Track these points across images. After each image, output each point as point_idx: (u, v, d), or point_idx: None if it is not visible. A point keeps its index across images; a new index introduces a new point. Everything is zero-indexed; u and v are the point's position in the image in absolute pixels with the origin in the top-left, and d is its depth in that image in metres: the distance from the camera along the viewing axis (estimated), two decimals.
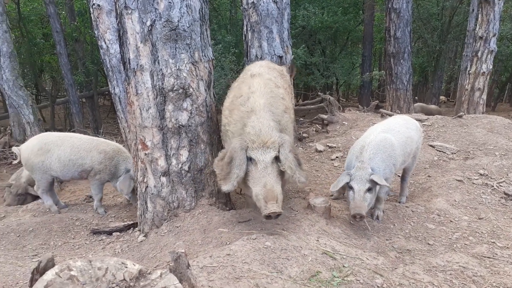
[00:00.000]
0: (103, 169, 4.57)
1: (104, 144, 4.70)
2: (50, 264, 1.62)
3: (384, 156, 3.25)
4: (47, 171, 4.53)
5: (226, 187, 2.90)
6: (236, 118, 3.16)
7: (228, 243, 2.87)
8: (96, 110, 13.62)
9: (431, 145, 5.42)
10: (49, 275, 1.53)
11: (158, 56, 3.32)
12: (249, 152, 2.88)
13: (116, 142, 10.08)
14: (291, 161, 2.91)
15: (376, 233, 3.19)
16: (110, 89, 5.07)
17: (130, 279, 1.61)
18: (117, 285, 1.58)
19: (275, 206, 2.68)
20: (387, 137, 3.35)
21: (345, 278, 2.39)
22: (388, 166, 3.27)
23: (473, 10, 11.03)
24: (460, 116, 6.66)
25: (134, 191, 4.54)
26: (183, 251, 1.76)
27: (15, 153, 4.79)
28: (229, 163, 2.89)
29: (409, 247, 2.97)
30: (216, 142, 3.87)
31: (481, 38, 8.83)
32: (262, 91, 3.23)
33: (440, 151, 5.26)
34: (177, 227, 3.44)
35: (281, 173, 2.95)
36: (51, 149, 4.48)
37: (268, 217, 2.73)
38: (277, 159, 2.91)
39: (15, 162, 5.46)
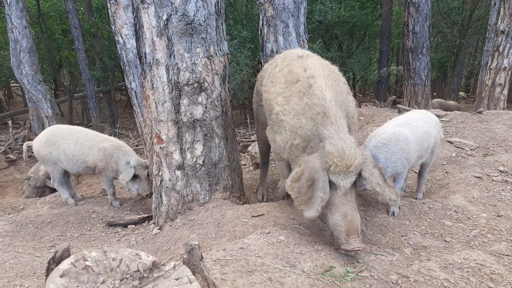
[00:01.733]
0: (105, 167, 4.57)
1: (105, 141, 4.67)
2: (66, 254, 1.65)
3: (395, 149, 3.19)
4: (56, 162, 4.61)
5: (309, 213, 2.51)
6: (298, 110, 2.81)
7: (241, 236, 2.87)
8: (113, 105, 13.81)
9: (449, 141, 5.32)
10: (65, 264, 1.55)
11: (173, 50, 3.33)
12: (329, 174, 2.54)
13: (132, 136, 10.20)
14: (378, 177, 2.61)
15: (392, 229, 3.15)
16: (126, 84, 5.12)
17: (143, 270, 1.62)
18: (131, 276, 1.60)
19: (357, 242, 2.44)
20: (401, 130, 3.30)
21: (359, 274, 2.37)
22: (400, 160, 3.22)
23: (495, 3, 10.75)
24: (480, 112, 6.51)
25: (141, 180, 4.55)
26: (196, 243, 1.77)
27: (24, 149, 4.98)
28: (311, 186, 2.53)
29: (425, 244, 2.92)
30: (230, 137, 3.87)
31: (503, 32, 8.60)
32: (322, 74, 2.89)
33: (458, 147, 5.16)
34: (191, 220, 3.46)
35: (357, 196, 2.70)
36: (57, 141, 4.54)
37: (348, 251, 2.47)
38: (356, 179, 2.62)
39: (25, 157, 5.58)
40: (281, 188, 3.60)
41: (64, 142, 4.55)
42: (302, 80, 2.89)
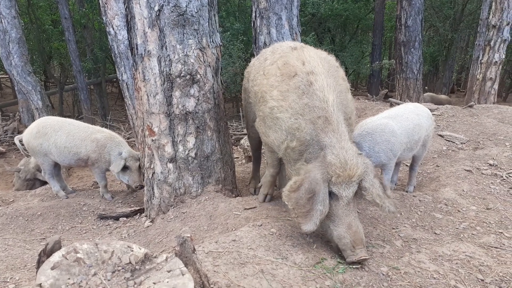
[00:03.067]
0: (98, 158, 4.53)
1: (97, 132, 4.63)
2: (57, 246, 1.64)
3: (380, 140, 3.23)
4: (47, 154, 4.56)
5: (307, 226, 2.40)
6: (297, 110, 2.67)
7: (234, 229, 2.88)
8: (104, 97, 13.68)
9: (440, 135, 5.36)
10: (56, 257, 1.54)
11: (165, 42, 3.30)
12: (330, 186, 2.46)
13: (124, 128, 10.13)
14: (378, 188, 2.54)
15: (383, 222, 3.18)
16: (118, 75, 5.06)
17: (135, 263, 1.62)
18: (122, 268, 1.59)
19: (363, 252, 2.38)
20: (387, 122, 3.34)
21: (350, 266, 2.39)
22: (384, 151, 3.25)
23: None
24: (471, 106, 6.57)
25: (132, 172, 4.51)
26: (189, 235, 1.77)
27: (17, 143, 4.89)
28: (310, 198, 2.43)
29: (415, 236, 2.95)
30: (223, 129, 3.86)
31: (494, 26, 8.66)
32: (322, 70, 2.75)
33: (449, 141, 5.20)
34: (184, 213, 3.46)
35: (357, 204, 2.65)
36: (48, 132, 4.49)
37: (355, 263, 2.39)
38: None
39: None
40: (264, 179, 3.51)
41: (55, 133, 4.49)
42: (300, 75, 2.74)
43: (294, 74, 2.76)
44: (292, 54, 2.96)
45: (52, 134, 4.48)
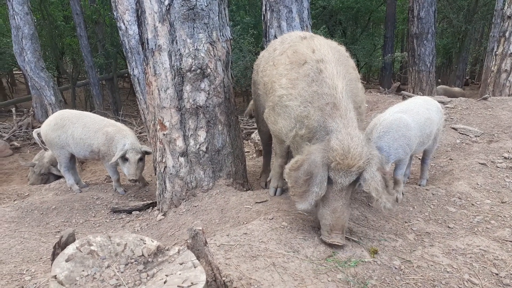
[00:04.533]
0: (107, 151, 4.57)
1: (109, 125, 4.69)
2: (71, 239, 1.66)
3: (397, 136, 3.18)
4: (64, 146, 4.64)
5: (301, 205, 2.45)
6: (306, 98, 2.65)
7: (245, 222, 2.89)
8: (116, 92, 13.79)
9: (453, 128, 5.29)
10: (70, 249, 1.57)
11: (176, 36, 3.30)
12: (329, 170, 2.44)
13: (136, 123, 10.20)
14: (378, 182, 2.45)
15: (395, 215, 3.15)
16: (129, 70, 5.10)
17: (148, 255, 1.64)
18: (135, 261, 1.61)
19: (339, 238, 2.40)
20: (402, 117, 3.29)
21: (362, 259, 2.37)
22: (402, 146, 3.21)
23: None
24: (485, 99, 6.45)
25: (130, 164, 4.49)
26: (200, 228, 1.78)
27: (35, 137, 4.96)
28: (308, 179, 2.45)
29: (428, 230, 2.92)
30: (234, 123, 3.86)
31: (509, 17, 8.46)
32: (332, 58, 2.71)
33: (463, 133, 5.13)
34: (195, 206, 3.47)
35: (353, 192, 2.60)
36: (65, 124, 4.58)
37: (329, 245, 2.45)
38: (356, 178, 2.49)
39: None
40: (273, 171, 3.50)
41: (72, 125, 4.59)
42: (310, 62, 2.71)
43: (304, 62, 2.75)
44: (301, 43, 2.94)
45: (70, 126, 4.58)
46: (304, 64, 2.73)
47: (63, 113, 4.78)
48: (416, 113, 3.44)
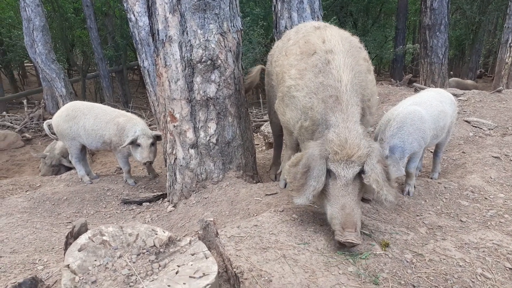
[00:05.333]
0: (119, 141, 4.59)
1: (120, 116, 4.71)
2: (83, 229, 1.67)
3: (412, 130, 3.13)
4: (75, 137, 4.69)
5: (299, 200, 2.41)
6: (312, 88, 2.62)
7: (255, 214, 2.88)
8: (125, 84, 13.84)
9: (466, 121, 5.21)
10: (83, 239, 1.57)
11: (186, 27, 3.29)
12: (329, 163, 2.38)
13: (146, 115, 10.24)
14: (379, 174, 2.38)
15: (407, 209, 3.13)
16: (139, 62, 5.10)
17: (160, 246, 1.64)
18: (147, 251, 1.61)
19: (353, 236, 2.25)
20: (416, 109, 3.23)
21: (374, 252, 2.36)
22: (416, 140, 3.16)
23: None
24: (499, 91, 6.35)
25: (143, 149, 4.49)
26: (211, 219, 1.77)
27: (45, 129, 5.00)
28: (305, 173, 2.41)
29: (440, 224, 2.89)
30: (244, 115, 3.85)
31: None
32: (342, 49, 2.66)
33: (476, 126, 5.05)
34: (205, 198, 3.48)
35: (362, 189, 2.52)
36: (77, 116, 4.62)
37: (342, 245, 2.31)
38: (360, 171, 2.42)
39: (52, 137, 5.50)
40: (283, 163, 3.49)
41: (84, 117, 4.63)
42: (319, 53, 2.69)
43: (313, 52, 2.72)
44: (314, 33, 2.91)
45: (81, 117, 4.62)
46: (313, 55, 2.71)
47: (74, 104, 4.82)
48: (430, 106, 3.39)
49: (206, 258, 1.55)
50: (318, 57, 2.68)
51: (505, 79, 8.78)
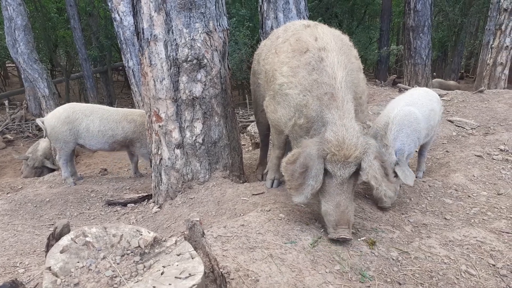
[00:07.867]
0: (140, 136, 4.61)
1: (129, 113, 4.72)
2: (65, 230, 1.63)
3: (409, 131, 3.14)
4: (72, 140, 4.59)
5: (297, 198, 2.44)
6: (306, 86, 2.63)
7: (242, 214, 2.87)
8: (110, 85, 13.69)
9: (449, 120, 5.29)
10: (65, 240, 1.54)
11: (172, 26, 3.26)
12: (326, 163, 2.40)
13: None
14: (376, 170, 2.43)
15: (392, 207, 3.15)
16: (124, 62, 5.05)
17: (145, 246, 1.61)
18: (132, 252, 1.58)
19: (345, 232, 2.34)
20: (411, 110, 3.24)
21: (360, 250, 2.37)
22: (413, 141, 3.18)
23: None
24: (481, 91, 6.47)
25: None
26: (198, 219, 1.75)
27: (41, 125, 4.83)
28: (303, 172, 2.44)
29: (425, 222, 2.92)
30: (230, 115, 3.83)
31: (505, 10, 8.47)
32: (335, 47, 2.67)
33: (459, 126, 5.14)
34: (191, 198, 3.45)
35: (356, 185, 2.57)
36: (78, 118, 4.53)
37: (335, 240, 2.40)
38: (356, 170, 2.45)
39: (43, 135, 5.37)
40: (270, 163, 3.49)
41: (86, 118, 4.54)
42: (312, 51, 2.68)
43: (306, 50, 2.71)
44: (305, 31, 2.90)
45: (83, 119, 4.53)
46: (306, 52, 2.70)
47: (73, 106, 4.70)
48: (422, 105, 3.41)
49: (192, 258, 1.53)
50: (311, 54, 2.68)
51: (486, 79, 8.96)
